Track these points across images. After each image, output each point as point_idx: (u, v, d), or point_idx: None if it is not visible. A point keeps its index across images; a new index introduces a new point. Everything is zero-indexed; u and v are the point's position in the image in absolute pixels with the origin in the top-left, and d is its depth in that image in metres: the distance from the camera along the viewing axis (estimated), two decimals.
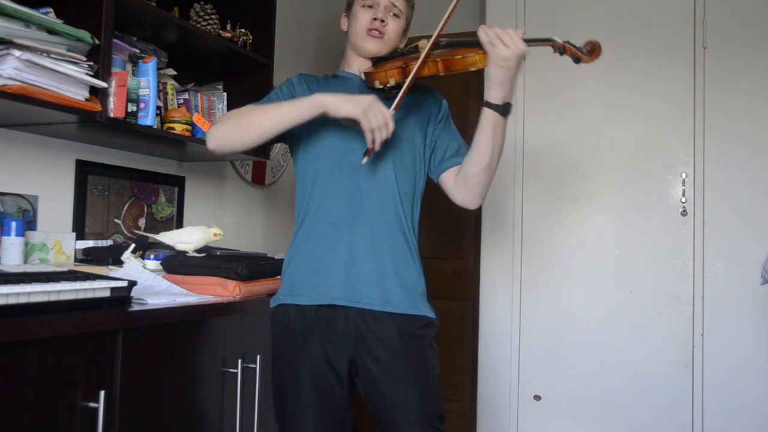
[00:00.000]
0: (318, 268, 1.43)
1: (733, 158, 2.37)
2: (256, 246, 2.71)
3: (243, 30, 2.22)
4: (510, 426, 2.60)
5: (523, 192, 2.64)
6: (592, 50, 1.41)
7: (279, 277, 1.88)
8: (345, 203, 1.44)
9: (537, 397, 2.58)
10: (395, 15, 1.55)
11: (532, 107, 2.62)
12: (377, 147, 1.36)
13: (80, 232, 1.92)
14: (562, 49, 1.39)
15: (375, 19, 1.52)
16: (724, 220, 2.37)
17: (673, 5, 2.48)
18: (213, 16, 2.15)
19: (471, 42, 1.43)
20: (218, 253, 1.90)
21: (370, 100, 1.34)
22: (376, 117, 1.33)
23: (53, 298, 1.19)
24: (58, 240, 1.80)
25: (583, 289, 2.53)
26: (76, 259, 1.85)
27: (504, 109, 1.39)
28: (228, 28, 2.18)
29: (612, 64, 2.51)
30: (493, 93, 1.38)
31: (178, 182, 2.33)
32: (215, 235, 1.85)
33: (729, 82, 2.39)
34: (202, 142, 2.02)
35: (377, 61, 1.55)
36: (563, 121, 2.59)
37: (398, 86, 1.45)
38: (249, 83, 2.30)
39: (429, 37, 1.49)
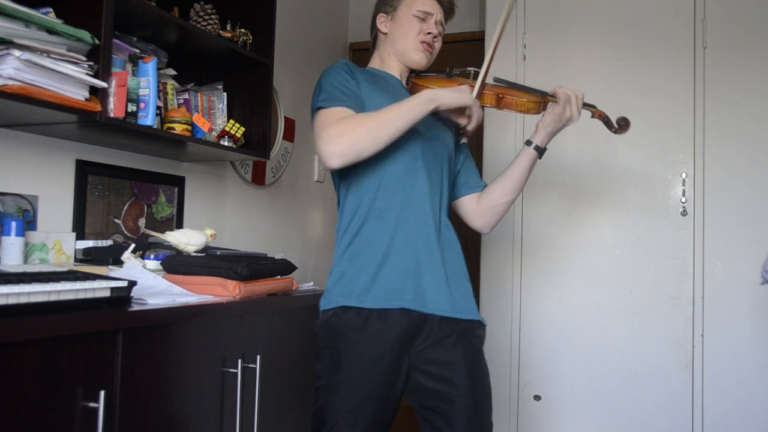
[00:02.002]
0: (384, 272, 1.40)
1: (733, 158, 2.37)
2: (256, 246, 2.71)
3: (243, 30, 2.22)
4: (510, 426, 2.60)
5: (523, 192, 2.64)
6: (623, 125, 1.60)
7: (279, 277, 1.89)
8: (413, 210, 1.44)
9: (537, 397, 2.58)
10: (440, 33, 1.58)
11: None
12: (472, 129, 1.48)
13: (80, 232, 1.92)
14: (602, 119, 1.61)
15: (429, 33, 1.54)
16: (724, 220, 2.37)
17: (673, 5, 2.48)
18: (213, 16, 2.15)
19: (530, 89, 1.58)
20: (218, 253, 1.90)
21: (466, 88, 1.43)
22: (476, 105, 1.45)
23: (53, 298, 1.19)
24: (58, 240, 1.80)
25: (583, 289, 2.53)
26: (76, 259, 1.85)
27: (543, 152, 1.55)
28: (228, 28, 2.18)
29: (612, 64, 2.51)
30: (542, 138, 1.53)
31: (178, 182, 2.33)
32: (211, 236, 1.86)
33: (729, 81, 2.39)
34: (202, 142, 2.03)
35: (419, 73, 1.59)
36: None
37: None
38: (249, 83, 2.30)
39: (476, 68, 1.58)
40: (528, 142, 1.54)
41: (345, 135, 1.34)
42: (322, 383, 1.41)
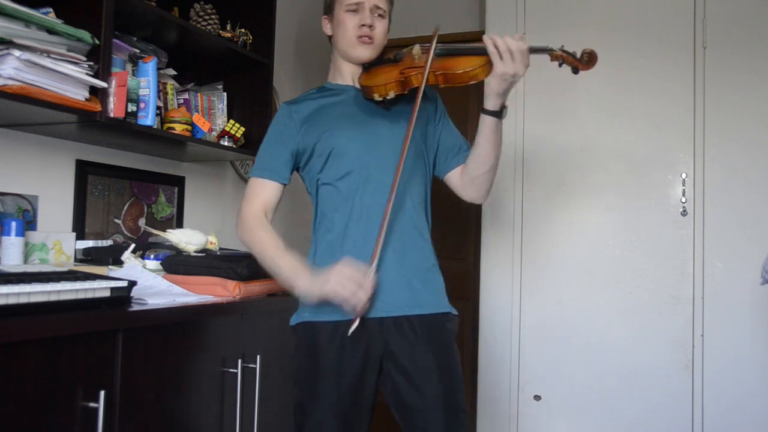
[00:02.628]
0: None
1: (733, 158, 2.37)
2: None
3: (243, 30, 2.22)
4: (510, 426, 2.60)
5: (523, 192, 2.63)
6: (590, 59, 1.42)
7: None
8: (367, 225, 1.44)
9: (537, 397, 2.58)
10: (380, 16, 1.52)
11: (533, 107, 2.62)
12: (360, 313, 1.34)
13: (80, 232, 1.92)
14: (561, 60, 1.41)
15: (363, 25, 1.48)
16: (724, 220, 2.37)
17: (673, 5, 2.48)
18: (213, 16, 2.15)
19: (470, 50, 1.41)
20: (218, 253, 1.90)
21: (335, 271, 1.32)
22: (345, 287, 1.31)
23: (53, 298, 1.19)
24: (58, 240, 1.80)
25: (583, 289, 2.53)
26: (76, 259, 1.85)
27: (502, 113, 1.42)
28: (228, 28, 2.18)
29: (612, 64, 2.51)
30: (492, 102, 1.40)
31: (178, 182, 2.33)
32: (211, 243, 1.87)
33: (729, 81, 2.39)
34: (202, 142, 2.03)
35: (368, 66, 1.53)
36: (563, 121, 2.59)
37: (398, 98, 1.46)
38: (249, 83, 2.30)
39: (421, 41, 1.48)
40: (482, 109, 1.43)
41: (246, 235, 1.48)
42: (299, 378, 1.45)
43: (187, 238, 1.81)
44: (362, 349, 1.41)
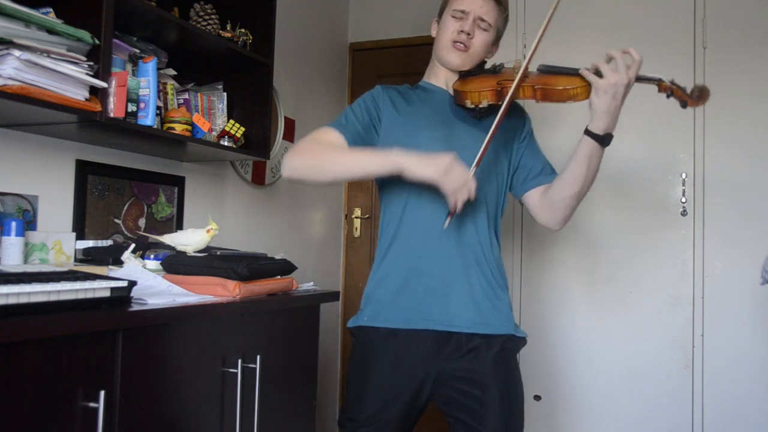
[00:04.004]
0: (410, 292, 1.43)
1: (733, 158, 2.37)
2: (256, 246, 2.70)
3: (243, 30, 2.22)
4: None
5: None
6: (701, 96, 1.36)
7: (279, 277, 1.89)
8: (438, 228, 1.42)
9: (537, 397, 2.58)
10: (483, 29, 1.50)
11: (532, 108, 2.62)
12: (459, 210, 1.32)
13: (80, 232, 1.92)
14: (669, 92, 1.37)
15: (462, 31, 1.48)
16: (724, 220, 2.37)
17: (673, 5, 2.48)
18: (213, 16, 2.15)
19: (573, 71, 1.40)
20: (218, 253, 1.90)
21: (448, 161, 1.28)
22: (455, 180, 1.28)
23: (53, 298, 1.19)
24: (58, 240, 1.80)
25: (583, 288, 2.53)
26: (76, 259, 1.85)
27: (605, 140, 1.36)
28: (228, 28, 2.18)
29: None
30: (596, 122, 1.35)
31: (178, 182, 2.33)
32: (208, 231, 1.82)
33: (729, 82, 2.39)
34: (202, 142, 2.03)
35: (465, 74, 1.52)
36: (563, 121, 2.59)
37: (491, 108, 1.42)
38: (249, 83, 2.30)
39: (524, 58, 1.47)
40: (585, 130, 1.39)
41: (305, 156, 1.41)
42: (350, 382, 1.48)
43: (181, 240, 1.80)
44: (417, 360, 1.40)
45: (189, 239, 1.80)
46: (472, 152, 1.38)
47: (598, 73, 1.31)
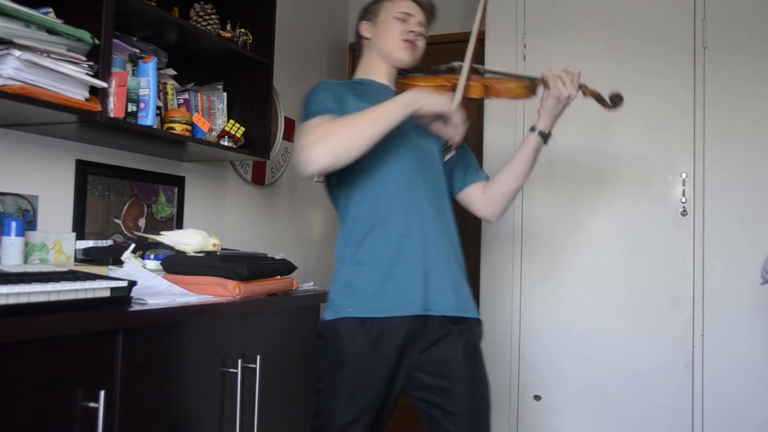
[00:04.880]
0: (393, 279, 1.42)
1: (733, 158, 2.37)
2: (256, 246, 2.70)
3: (243, 30, 2.22)
4: (510, 426, 2.60)
5: (523, 192, 2.64)
6: (615, 103, 1.60)
7: (279, 277, 1.89)
8: (415, 216, 1.46)
9: (537, 397, 2.58)
10: (421, 34, 1.61)
11: (532, 108, 2.62)
12: (458, 141, 1.45)
13: (80, 232, 1.92)
14: (593, 98, 1.59)
15: (411, 31, 1.57)
16: (724, 220, 2.37)
17: (673, 5, 2.48)
18: (213, 16, 2.15)
19: (518, 76, 1.58)
20: (218, 253, 1.90)
21: (447, 96, 1.41)
22: (459, 113, 1.41)
23: (53, 298, 1.19)
24: (58, 240, 1.80)
25: (583, 289, 2.53)
26: (76, 259, 1.85)
27: (548, 138, 1.56)
28: (228, 28, 2.18)
29: (612, 64, 2.51)
30: (545, 123, 1.55)
31: (178, 182, 2.33)
32: (213, 245, 1.84)
33: (729, 82, 2.39)
34: (202, 142, 2.03)
35: (406, 73, 1.60)
36: (563, 121, 2.58)
37: None
38: (249, 83, 2.30)
39: (430, 44, 1.57)
40: (532, 128, 1.56)
41: (326, 139, 1.35)
42: (323, 385, 1.44)
43: (180, 239, 1.80)
44: (396, 349, 1.40)
45: (189, 239, 1.80)
46: (435, 139, 1.52)
47: (546, 83, 1.50)
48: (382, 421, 1.44)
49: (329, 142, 1.34)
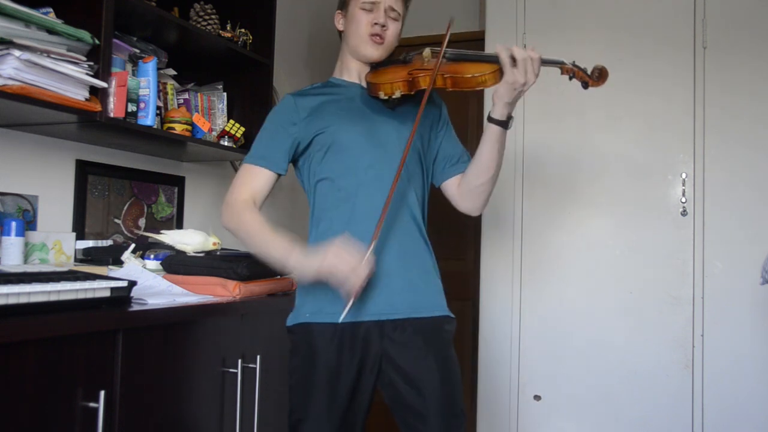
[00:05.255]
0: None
1: (733, 158, 2.37)
2: None
3: (243, 30, 2.22)
4: (510, 426, 2.60)
5: (523, 192, 2.63)
6: (600, 76, 1.42)
7: (279, 277, 1.89)
8: (367, 226, 1.41)
9: (537, 397, 2.58)
10: (394, 18, 1.51)
11: (532, 108, 2.62)
12: (355, 297, 1.31)
13: (80, 232, 1.92)
14: (571, 74, 1.43)
15: (376, 23, 1.48)
16: (724, 220, 2.37)
17: (673, 5, 2.48)
18: (213, 16, 2.15)
19: (481, 56, 1.44)
20: (218, 253, 1.90)
21: (332, 254, 1.28)
22: (339, 268, 1.27)
23: (53, 298, 1.19)
24: (58, 240, 1.80)
25: (583, 289, 2.53)
26: (76, 259, 1.85)
27: (508, 124, 1.42)
28: (228, 28, 2.18)
29: (612, 64, 2.49)
30: (500, 110, 1.39)
31: (178, 182, 2.33)
32: (214, 244, 1.85)
33: (729, 82, 2.39)
34: (202, 142, 2.03)
35: (377, 66, 1.53)
36: (563, 121, 2.59)
37: (404, 98, 1.46)
38: (249, 83, 2.30)
39: (431, 44, 1.50)
40: (488, 117, 1.42)
41: (231, 221, 1.44)
42: (294, 381, 1.44)
43: (181, 239, 1.80)
44: (360, 350, 1.41)
45: (189, 239, 1.80)
46: (393, 143, 1.44)
47: (513, 68, 1.34)
48: (358, 417, 1.43)
49: (232, 222, 1.44)
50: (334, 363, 1.40)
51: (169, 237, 1.80)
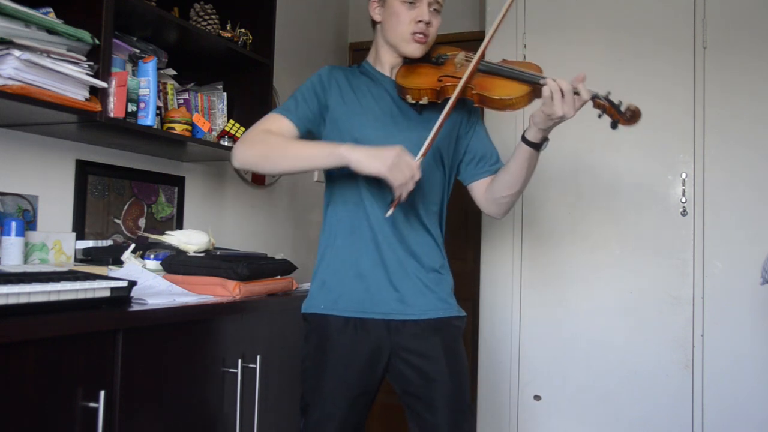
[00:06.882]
0: (364, 283, 1.45)
1: (733, 158, 2.37)
2: (256, 246, 2.71)
3: (243, 30, 2.22)
4: (510, 426, 2.60)
5: (524, 192, 2.63)
6: (633, 116, 1.36)
7: (279, 277, 1.89)
8: (386, 226, 1.44)
9: (537, 397, 2.58)
10: (436, 11, 1.46)
11: (532, 107, 2.62)
12: (404, 200, 1.33)
13: (80, 232, 1.92)
14: (602, 110, 1.36)
15: (420, 21, 1.43)
16: (724, 220, 2.37)
17: (673, 5, 2.48)
18: (213, 16, 2.15)
19: (517, 74, 1.38)
20: (218, 253, 1.90)
21: (395, 154, 1.28)
22: (403, 172, 1.28)
23: (53, 298, 1.19)
24: (58, 240, 1.80)
25: (583, 289, 2.53)
26: (76, 259, 1.85)
27: (540, 146, 1.41)
28: (228, 28, 2.18)
29: (612, 64, 2.51)
30: (533, 134, 1.38)
31: (178, 182, 2.33)
32: (212, 244, 1.87)
33: (729, 82, 2.38)
34: (202, 142, 2.03)
35: (409, 61, 1.50)
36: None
37: (431, 104, 1.44)
38: (249, 83, 2.30)
39: (466, 50, 1.46)
40: (522, 137, 1.42)
41: (256, 146, 1.41)
42: (308, 365, 1.47)
43: (186, 239, 1.81)
44: (371, 342, 1.43)
45: (189, 239, 1.80)
46: (416, 146, 1.38)
47: (551, 101, 1.31)
48: (366, 403, 1.46)
49: (256, 150, 1.40)
50: (345, 351, 1.43)
51: (176, 238, 1.81)
